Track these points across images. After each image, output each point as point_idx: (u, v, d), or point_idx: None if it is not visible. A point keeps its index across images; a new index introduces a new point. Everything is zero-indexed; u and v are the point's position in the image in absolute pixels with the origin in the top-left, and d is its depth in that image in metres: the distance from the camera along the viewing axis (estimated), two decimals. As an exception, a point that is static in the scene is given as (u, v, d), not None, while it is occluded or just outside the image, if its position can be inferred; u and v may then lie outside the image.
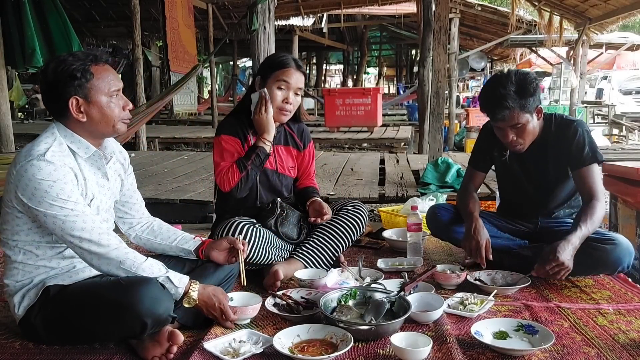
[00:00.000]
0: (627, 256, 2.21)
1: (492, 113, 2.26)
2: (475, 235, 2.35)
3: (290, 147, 2.61)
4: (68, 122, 1.73)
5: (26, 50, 5.05)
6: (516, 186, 2.55)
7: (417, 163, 6.39)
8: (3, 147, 4.94)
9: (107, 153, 1.87)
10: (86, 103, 1.70)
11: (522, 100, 2.20)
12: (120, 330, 1.66)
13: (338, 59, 27.32)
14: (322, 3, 12.17)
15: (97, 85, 1.70)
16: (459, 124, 11.54)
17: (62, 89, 1.67)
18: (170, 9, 8.48)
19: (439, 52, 5.27)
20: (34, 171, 1.62)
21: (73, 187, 1.67)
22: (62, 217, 1.63)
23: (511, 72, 2.28)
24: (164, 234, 2.07)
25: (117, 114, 1.76)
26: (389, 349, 1.75)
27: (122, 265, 1.67)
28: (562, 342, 1.79)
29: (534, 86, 2.23)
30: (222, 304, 1.84)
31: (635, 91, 16.37)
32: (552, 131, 2.37)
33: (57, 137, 1.71)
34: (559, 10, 9.07)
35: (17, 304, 1.75)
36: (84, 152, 1.75)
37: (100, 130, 1.77)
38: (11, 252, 1.75)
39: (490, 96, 2.26)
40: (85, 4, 12.07)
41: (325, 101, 11.18)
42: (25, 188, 1.62)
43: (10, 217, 1.72)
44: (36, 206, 1.62)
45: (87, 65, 1.69)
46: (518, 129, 2.27)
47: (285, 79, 2.38)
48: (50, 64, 1.70)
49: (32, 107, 14.04)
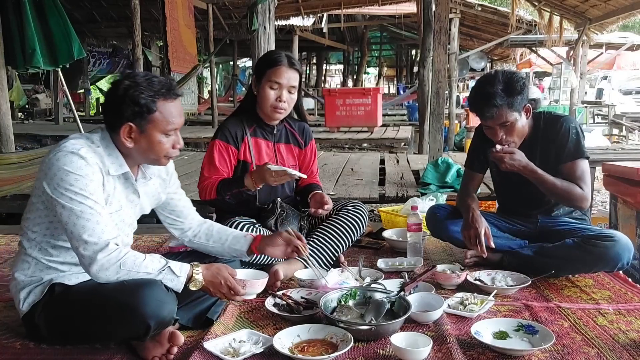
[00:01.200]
0: (627, 252, 2.22)
1: (481, 111, 2.30)
2: (474, 223, 2.37)
3: (291, 145, 2.62)
4: (115, 137, 1.73)
5: (26, 50, 5.05)
6: (510, 185, 2.56)
7: (417, 163, 6.39)
8: (3, 147, 4.94)
9: (147, 173, 1.87)
10: (138, 132, 1.69)
11: (510, 98, 2.25)
12: (124, 332, 1.65)
13: (338, 59, 27.29)
14: (322, 3, 12.17)
15: (156, 121, 1.69)
16: (459, 124, 11.53)
17: (123, 109, 1.66)
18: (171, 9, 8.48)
19: (439, 52, 5.28)
20: (65, 162, 1.62)
21: (97, 187, 1.66)
22: (78, 212, 1.61)
23: (498, 72, 2.33)
24: (215, 236, 2.07)
25: (164, 152, 1.74)
26: (389, 349, 1.75)
27: (123, 267, 1.61)
28: (562, 342, 1.79)
29: (521, 85, 2.27)
30: (228, 281, 1.76)
31: (635, 91, 16.38)
32: (541, 128, 2.41)
33: (95, 145, 1.70)
34: (559, 11, 9.07)
35: (22, 299, 1.74)
36: (115, 169, 1.74)
37: (142, 159, 1.78)
38: (28, 244, 1.75)
39: (479, 95, 2.31)
40: (86, 4, 12.06)
41: (326, 101, 11.18)
42: (53, 177, 1.62)
43: (35, 207, 1.72)
44: (58, 197, 1.61)
45: (155, 98, 1.67)
46: (507, 128, 2.30)
47: (276, 79, 2.39)
48: (125, 81, 1.67)
49: (32, 107, 14.04)
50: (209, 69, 14.05)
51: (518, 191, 2.52)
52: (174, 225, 2.08)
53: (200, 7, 10.34)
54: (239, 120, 2.51)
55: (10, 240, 3.29)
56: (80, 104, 14.70)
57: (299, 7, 12.07)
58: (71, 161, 1.62)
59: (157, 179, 1.94)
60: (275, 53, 2.51)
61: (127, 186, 1.81)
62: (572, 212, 2.51)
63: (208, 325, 1.90)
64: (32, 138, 9.54)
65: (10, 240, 3.28)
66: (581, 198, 2.32)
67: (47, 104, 14.16)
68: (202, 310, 1.93)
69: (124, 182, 1.80)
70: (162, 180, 1.96)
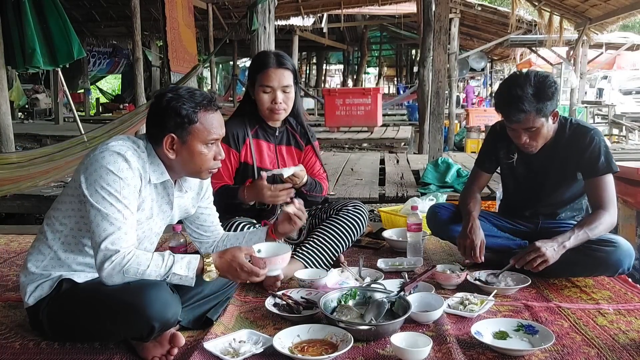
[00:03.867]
0: (627, 258, 2.21)
1: (507, 114, 2.21)
2: (471, 234, 2.35)
3: (292, 147, 2.61)
4: (158, 149, 1.75)
5: (26, 50, 5.04)
6: (520, 187, 2.55)
7: (417, 163, 6.39)
8: (3, 147, 4.93)
9: (184, 186, 1.88)
10: (180, 143, 1.72)
11: (540, 104, 2.15)
12: (127, 332, 1.66)
13: (338, 59, 27.30)
14: (322, 3, 12.17)
15: (197, 131, 1.72)
16: (459, 124, 11.55)
17: (165, 120, 1.70)
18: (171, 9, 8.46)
19: (439, 52, 5.28)
20: (109, 161, 1.63)
21: (132, 192, 1.67)
22: (105, 214, 1.61)
23: (530, 74, 2.21)
24: (232, 241, 2.08)
25: (206, 163, 1.76)
26: (389, 349, 1.75)
27: (126, 275, 1.60)
28: (562, 342, 1.79)
29: (553, 90, 2.18)
30: (244, 266, 1.70)
31: (635, 91, 16.38)
32: (566, 136, 2.33)
33: (141, 150, 1.72)
34: (559, 10, 9.07)
35: (29, 293, 1.74)
36: (156, 177, 1.75)
37: (184, 171, 1.80)
38: (52, 235, 1.74)
39: (507, 97, 2.19)
40: (86, 3, 12.05)
41: (325, 101, 11.19)
42: (93, 172, 1.63)
43: (69, 200, 1.73)
44: (91, 193, 1.62)
45: (197, 109, 1.71)
46: (532, 132, 2.23)
47: (266, 83, 2.39)
48: (168, 94, 1.72)
49: (32, 107, 14.05)
50: (209, 69, 14.06)
51: (527, 192, 2.51)
52: (199, 239, 2.09)
53: (200, 7, 10.33)
54: (242, 121, 2.50)
55: (10, 240, 3.29)
56: (80, 104, 14.69)
57: (299, 7, 12.06)
58: (115, 161, 1.64)
59: (192, 193, 1.95)
60: (263, 55, 2.49)
61: (162, 196, 1.82)
62: (574, 216, 2.51)
63: (208, 325, 1.90)
64: (32, 138, 9.55)
65: (10, 240, 3.27)
66: (612, 222, 2.24)
67: (47, 103, 14.17)
68: (203, 311, 1.93)
69: (161, 192, 1.81)
70: (196, 194, 1.98)
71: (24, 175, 4.39)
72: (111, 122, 5.56)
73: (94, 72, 16.38)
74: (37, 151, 5.14)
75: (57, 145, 5.06)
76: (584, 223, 2.21)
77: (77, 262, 1.76)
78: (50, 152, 4.82)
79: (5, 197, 4.26)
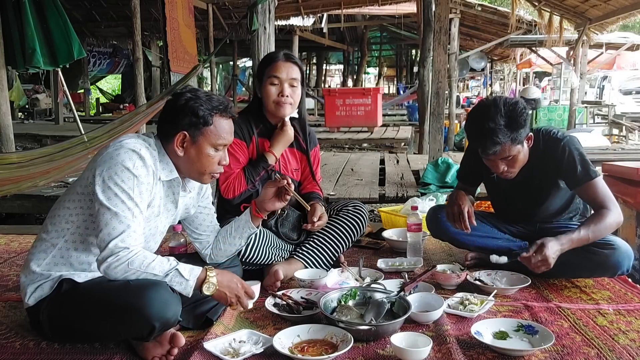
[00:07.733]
0: (627, 260, 2.20)
1: (482, 148, 2.16)
2: (457, 200, 2.34)
3: (295, 150, 2.61)
4: (167, 146, 1.78)
5: (26, 50, 5.05)
6: (507, 202, 2.54)
7: (417, 163, 6.40)
8: (3, 147, 4.93)
9: (188, 186, 1.91)
10: (190, 142, 1.76)
11: (513, 133, 2.11)
12: (128, 332, 1.65)
13: (338, 59, 27.30)
14: (322, 3, 12.17)
15: (209, 133, 1.77)
16: (459, 124, 11.53)
17: (181, 118, 1.75)
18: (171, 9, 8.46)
19: (439, 52, 5.28)
20: (124, 158, 1.65)
21: (144, 190, 1.68)
22: (115, 211, 1.62)
23: (498, 103, 2.14)
24: (224, 234, 2.09)
25: (210, 166, 1.80)
26: (389, 349, 1.75)
27: (130, 266, 1.61)
28: (562, 343, 1.79)
29: (525, 117, 2.14)
30: (244, 285, 1.78)
31: (635, 91, 16.37)
32: (540, 147, 2.30)
33: (152, 147, 1.75)
34: (559, 11, 9.07)
35: (29, 293, 1.74)
36: (165, 175, 1.78)
37: (189, 171, 1.82)
38: (56, 233, 1.75)
39: (480, 131, 2.15)
40: (86, 4, 12.04)
41: (325, 101, 11.19)
42: (107, 169, 1.64)
43: (78, 197, 1.73)
44: (104, 189, 1.62)
45: (213, 112, 1.76)
46: (509, 160, 2.20)
47: (275, 74, 2.39)
48: (188, 94, 1.77)
49: (32, 107, 14.04)
50: (209, 69, 14.04)
51: (515, 206, 2.51)
52: (198, 239, 2.10)
53: (200, 7, 10.33)
54: (246, 119, 2.50)
55: (10, 240, 3.29)
56: (80, 104, 14.68)
57: (299, 7, 12.05)
58: (130, 158, 1.66)
59: (193, 192, 1.98)
60: (272, 52, 2.54)
61: (168, 194, 1.85)
62: (573, 217, 2.51)
63: (208, 325, 1.90)
64: (32, 138, 9.55)
65: (10, 240, 3.27)
66: (618, 220, 2.22)
67: (47, 104, 14.17)
68: (203, 311, 1.93)
69: (167, 190, 1.84)
70: (197, 194, 2.00)
71: (24, 176, 4.38)
72: (111, 122, 5.55)
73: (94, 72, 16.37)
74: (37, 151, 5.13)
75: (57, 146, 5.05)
76: (586, 224, 2.19)
77: (80, 261, 1.76)
78: (51, 152, 4.81)
79: (5, 197, 4.26)
